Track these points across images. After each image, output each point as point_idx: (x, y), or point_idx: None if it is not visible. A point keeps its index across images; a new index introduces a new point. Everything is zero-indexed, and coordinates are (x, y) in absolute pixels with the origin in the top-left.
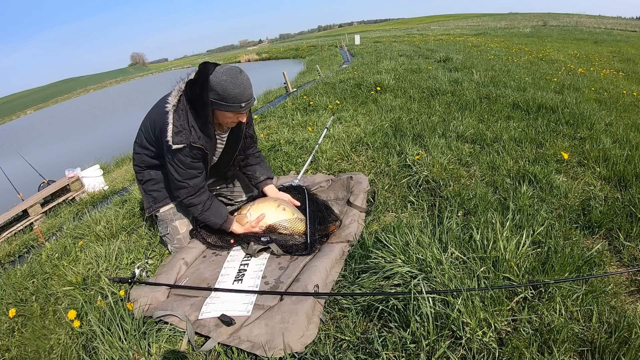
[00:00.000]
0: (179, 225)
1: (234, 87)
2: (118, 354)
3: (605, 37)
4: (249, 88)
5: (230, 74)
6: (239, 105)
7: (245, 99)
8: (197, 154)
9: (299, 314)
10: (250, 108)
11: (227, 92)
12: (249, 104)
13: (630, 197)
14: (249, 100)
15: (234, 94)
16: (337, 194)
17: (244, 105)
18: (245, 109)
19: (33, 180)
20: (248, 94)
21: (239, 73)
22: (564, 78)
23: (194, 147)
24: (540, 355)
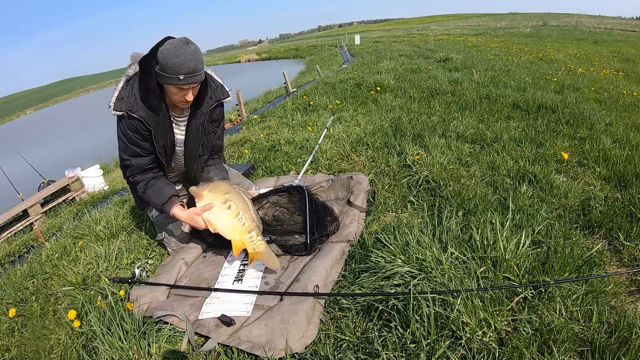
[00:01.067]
0: (172, 228)
1: (172, 57)
2: (118, 354)
3: (605, 37)
4: (193, 60)
5: (174, 44)
6: (177, 77)
7: (184, 71)
8: (139, 128)
9: (298, 314)
10: (194, 83)
11: (167, 61)
12: (190, 78)
13: (630, 197)
14: (190, 74)
15: (172, 63)
16: (337, 194)
17: (182, 78)
18: (185, 83)
19: (33, 180)
20: (188, 67)
21: (184, 44)
22: (564, 78)
23: (132, 117)
24: (540, 355)
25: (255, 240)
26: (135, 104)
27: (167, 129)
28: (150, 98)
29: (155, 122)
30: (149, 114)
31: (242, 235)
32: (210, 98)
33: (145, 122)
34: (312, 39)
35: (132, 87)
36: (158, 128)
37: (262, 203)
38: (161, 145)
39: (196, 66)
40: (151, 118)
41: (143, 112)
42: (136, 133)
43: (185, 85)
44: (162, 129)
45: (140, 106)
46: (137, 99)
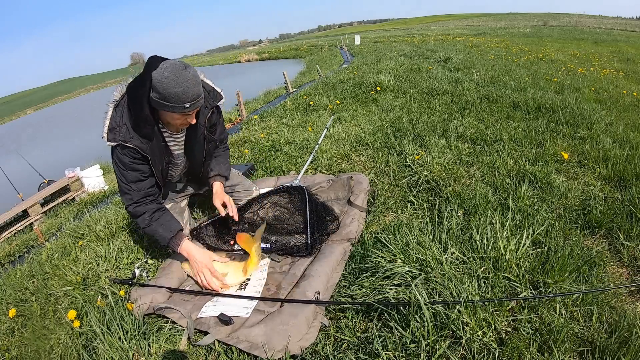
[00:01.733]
0: None
1: (175, 86)
2: (118, 354)
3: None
4: (194, 86)
5: (172, 71)
6: (182, 106)
7: (189, 99)
8: (135, 156)
9: (298, 318)
10: (197, 107)
11: (168, 91)
12: (195, 104)
13: (630, 197)
14: (195, 101)
15: (175, 93)
16: (338, 193)
17: (188, 106)
18: (191, 110)
19: (33, 180)
20: (192, 94)
21: (183, 69)
22: (564, 78)
23: (126, 147)
24: (540, 355)
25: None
26: (128, 134)
27: (163, 151)
28: (142, 127)
29: (151, 148)
30: (142, 142)
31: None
32: (205, 107)
33: (140, 150)
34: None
35: (122, 115)
36: (154, 154)
37: (263, 203)
38: (159, 169)
39: (199, 91)
40: (146, 145)
41: (137, 140)
42: (134, 159)
43: (190, 112)
44: (158, 153)
45: (133, 135)
46: (129, 128)
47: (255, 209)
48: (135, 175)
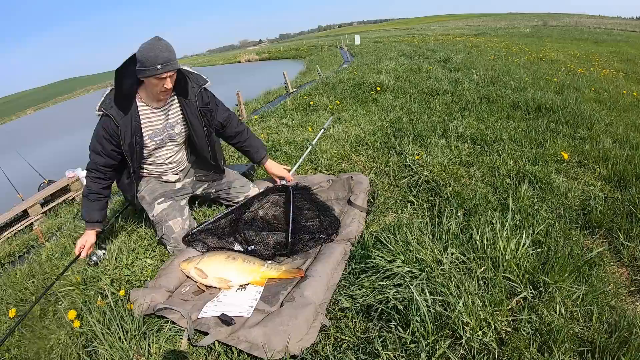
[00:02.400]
0: (172, 224)
1: (148, 51)
2: (118, 354)
3: (605, 37)
4: (166, 51)
5: (148, 42)
6: (155, 67)
7: (161, 61)
8: (109, 126)
9: (298, 319)
10: (170, 72)
11: (144, 56)
12: (166, 66)
13: (630, 197)
14: (165, 63)
15: (148, 56)
16: (338, 193)
17: (160, 67)
18: (163, 71)
19: (33, 180)
20: (163, 57)
21: (157, 40)
22: (564, 78)
23: (106, 115)
24: (540, 355)
25: (272, 265)
26: (110, 105)
27: (135, 129)
28: (121, 101)
29: (123, 121)
30: (119, 114)
31: (259, 272)
32: (192, 87)
33: (115, 119)
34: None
35: (111, 94)
36: (126, 127)
37: (262, 202)
38: (127, 143)
39: (169, 56)
40: (120, 117)
41: (114, 111)
42: (105, 132)
43: (163, 73)
44: (130, 129)
45: (113, 106)
46: (112, 102)
47: (255, 209)
48: (97, 147)
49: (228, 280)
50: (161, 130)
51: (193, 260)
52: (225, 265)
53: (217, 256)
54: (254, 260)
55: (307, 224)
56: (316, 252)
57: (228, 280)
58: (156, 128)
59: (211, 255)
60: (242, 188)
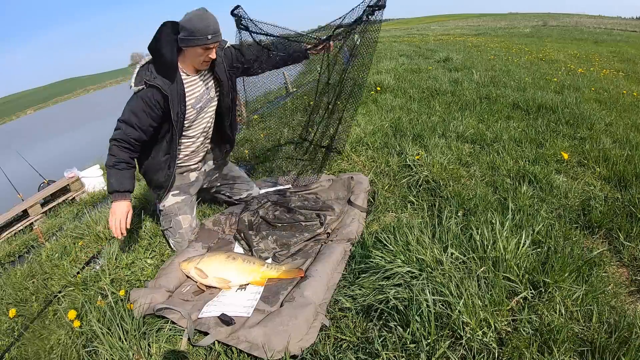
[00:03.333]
0: (182, 220)
1: (199, 22)
2: (118, 354)
3: (605, 37)
4: (215, 23)
5: (196, 13)
6: (206, 37)
7: (211, 31)
8: (154, 99)
9: (298, 319)
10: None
11: (195, 26)
12: (216, 37)
13: (630, 197)
14: (216, 33)
15: (200, 27)
16: (338, 193)
17: (210, 37)
18: (213, 41)
19: (33, 180)
20: (214, 27)
21: (205, 11)
22: (564, 78)
23: (151, 86)
24: (540, 355)
25: (272, 265)
26: (152, 76)
27: (182, 96)
28: (166, 70)
29: (171, 89)
30: (165, 82)
31: (259, 271)
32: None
33: (162, 89)
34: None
35: (147, 68)
36: (174, 94)
37: (263, 202)
38: (175, 112)
39: (217, 27)
40: (167, 85)
41: (160, 80)
42: (147, 104)
43: (212, 44)
44: (177, 96)
45: (157, 76)
46: (154, 73)
47: (254, 208)
48: (133, 119)
49: (228, 280)
50: (200, 96)
51: (193, 260)
52: (225, 265)
53: (217, 256)
54: (254, 260)
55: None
56: (316, 252)
57: (228, 280)
58: (196, 95)
59: (211, 255)
60: (246, 186)
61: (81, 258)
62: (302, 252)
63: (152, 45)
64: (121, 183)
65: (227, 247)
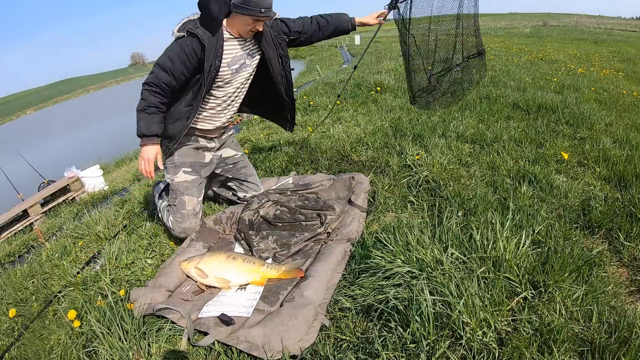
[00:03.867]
0: (187, 200)
1: None
2: (118, 354)
3: (605, 37)
4: None
5: None
6: (259, 10)
7: (266, 5)
8: (192, 48)
9: (298, 319)
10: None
11: None
12: (268, 12)
13: (630, 197)
14: (268, 9)
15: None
16: (339, 193)
17: (263, 11)
18: (264, 15)
19: (33, 180)
20: (269, 2)
21: None
22: (564, 78)
23: (191, 34)
24: (540, 355)
25: (272, 265)
26: (195, 27)
27: (219, 51)
28: (209, 24)
29: (210, 41)
30: (205, 33)
31: (259, 271)
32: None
33: (201, 39)
34: None
35: (193, 21)
36: (211, 46)
37: (263, 202)
38: (209, 64)
39: (271, 2)
40: (207, 37)
41: (201, 31)
42: (184, 52)
43: (263, 17)
44: (214, 50)
45: (200, 28)
46: (197, 24)
47: (255, 208)
48: (168, 64)
49: (228, 280)
50: (237, 58)
51: (193, 260)
52: (225, 265)
53: (217, 256)
54: (254, 260)
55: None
56: (316, 252)
57: (228, 280)
58: (234, 56)
59: (211, 254)
60: (255, 187)
61: (81, 258)
62: (302, 252)
63: (202, 1)
64: (149, 127)
65: (228, 247)
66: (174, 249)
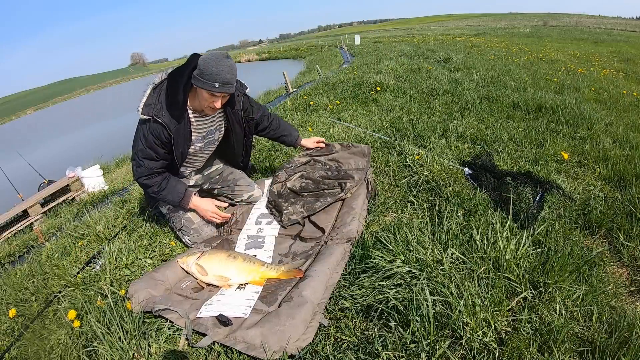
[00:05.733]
0: (191, 215)
1: (213, 65)
2: (118, 354)
3: (605, 37)
4: (229, 73)
5: (216, 55)
6: (212, 84)
7: (220, 80)
8: (161, 134)
9: (295, 319)
10: (226, 92)
11: (206, 68)
12: (224, 87)
13: (630, 197)
14: (225, 84)
15: (210, 71)
16: (358, 163)
17: (217, 86)
18: (219, 91)
19: (33, 180)
20: (224, 77)
21: (225, 57)
22: (564, 78)
23: (157, 122)
24: (540, 355)
25: (271, 266)
26: (161, 111)
27: (187, 137)
28: (175, 108)
29: (177, 129)
30: (172, 122)
31: (259, 271)
32: (238, 95)
33: (167, 127)
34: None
35: (159, 95)
36: (178, 135)
37: (290, 174)
38: (179, 151)
39: (231, 78)
40: (173, 125)
41: (167, 118)
42: (157, 138)
43: (218, 93)
44: (182, 137)
45: (165, 114)
46: (163, 107)
47: (282, 180)
48: (151, 154)
49: (228, 278)
50: (204, 137)
51: (193, 255)
52: (225, 263)
53: (218, 254)
54: (254, 260)
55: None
56: (316, 253)
57: (228, 278)
58: (200, 135)
59: (212, 252)
60: (247, 187)
61: (81, 258)
62: (303, 252)
63: (174, 72)
64: (176, 193)
65: (230, 247)
66: (174, 249)
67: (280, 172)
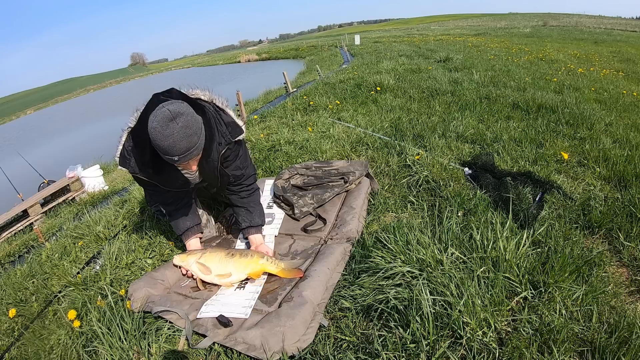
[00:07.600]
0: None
1: (162, 139)
2: (118, 354)
3: (605, 37)
4: (182, 140)
5: (160, 122)
6: (172, 159)
7: (177, 152)
8: (147, 184)
9: (295, 319)
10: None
11: (157, 143)
12: (185, 157)
13: (630, 197)
14: (183, 154)
15: (162, 146)
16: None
17: (177, 159)
18: (181, 162)
19: (33, 180)
20: (180, 148)
21: (171, 121)
22: (564, 78)
23: (135, 177)
24: (540, 355)
25: (271, 259)
26: (137, 166)
27: (175, 175)
28: (147, 165)
29: (162, 177)
30: (152, 175)
31: (257, 263)
32: (220, 144)
33: (149, 179)
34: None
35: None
36: (165, 181)
37: (293, 173)
38: (174, 189)
39: (189, 143)
40: (155, 176)
41: (145, 173)
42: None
43: (183, 163)
44: (169, 178)
45: (141, 167)
46: (136, 160)
47: (286, 177)
48: (151, 189)
49: (229, 274)
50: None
51: (193, 254)
52: (225, 261)
53: (217, 253)
54: (252, 253)
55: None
56: (316, 252)
57: (229, 274)
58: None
59: (212, 251)
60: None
61: (81, 258)
62: (303, 252)
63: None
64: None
65: (229, 247)
66: (174, 249)
67: (284, 171)
